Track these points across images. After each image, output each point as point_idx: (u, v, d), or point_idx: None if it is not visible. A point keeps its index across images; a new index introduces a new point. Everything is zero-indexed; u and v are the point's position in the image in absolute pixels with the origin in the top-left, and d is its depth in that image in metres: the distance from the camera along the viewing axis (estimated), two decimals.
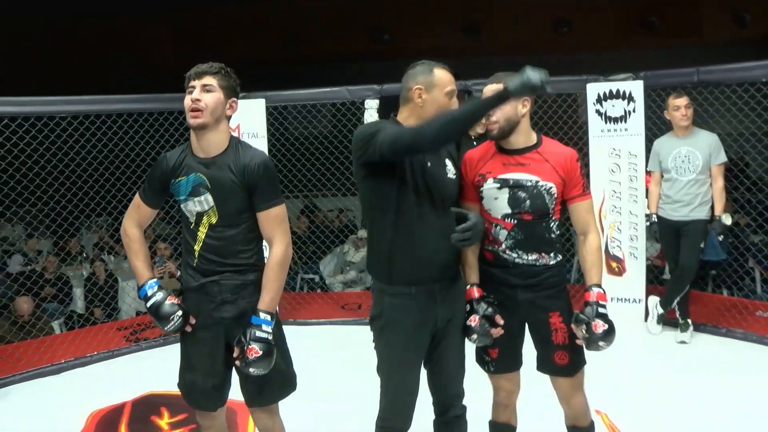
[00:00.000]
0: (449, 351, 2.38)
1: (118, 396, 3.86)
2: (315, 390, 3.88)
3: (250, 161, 2.24)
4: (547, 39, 10.06)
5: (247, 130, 4.99)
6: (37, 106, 4.44)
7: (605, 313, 2.29)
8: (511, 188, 2.35)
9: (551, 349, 2.41)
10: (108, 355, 4.61)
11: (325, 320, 5.28)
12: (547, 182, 2.34)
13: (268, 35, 10.53)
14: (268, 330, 2.23)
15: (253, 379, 2.30)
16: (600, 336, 2.25)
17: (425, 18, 10.37)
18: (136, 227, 2.41)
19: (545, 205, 2.35)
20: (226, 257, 2.28)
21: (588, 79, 4.78)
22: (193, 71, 2.25)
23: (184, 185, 2.27)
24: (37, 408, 3.90)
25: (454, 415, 2.44)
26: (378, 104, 5.00)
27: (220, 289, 2.28)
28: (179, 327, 2.29)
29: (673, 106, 4.35)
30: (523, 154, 2.37)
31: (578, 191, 2.37)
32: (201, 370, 2.36)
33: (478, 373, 2.55)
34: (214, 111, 2.21)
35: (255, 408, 2.42)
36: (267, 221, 2.27)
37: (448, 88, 2.25)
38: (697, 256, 4.39)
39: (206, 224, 2.27)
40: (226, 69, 2.28)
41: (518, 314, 2.41)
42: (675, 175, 4.37)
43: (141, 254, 2.39)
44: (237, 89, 2.31)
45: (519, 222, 2.36)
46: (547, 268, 2.39)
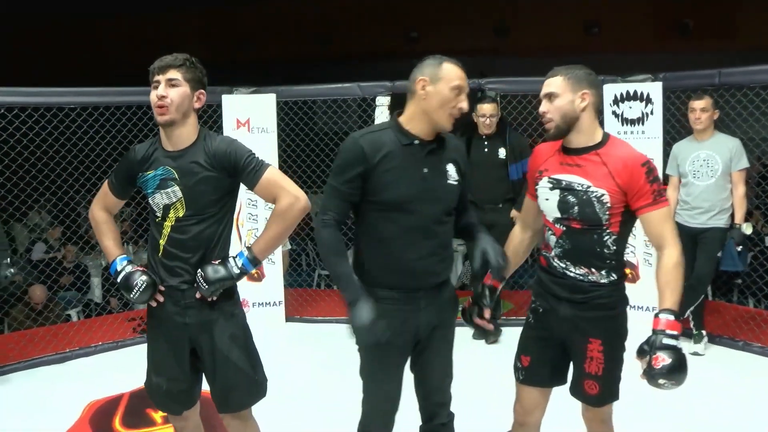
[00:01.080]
0: (434, 359, 2.31)
1: (118, 387, 3.88)
2: (310, 389, 3.89)
3: (218, 147, 2.19)
4: (576, 40, 9.89)
5: (258, 125, 4.97)
6: (66, 97, 4.47)
7: (673, 346, 1.96)
8: (563, 190, 2.16)
9: (583, 375, 2.25)
10: (112, 346, 4.65)
11: (333, 318, 5.24)
12: (599, 189, 2.09)
13: (298, 33, 10.58)
14: (238, 264, 2.20)
15: (219, 385, 2.27)
16: (660, 372, 1.93)
17: (455, 18, 10.29)
18: (104, 211, 2.40)
19: (596, 215, 2.11)
20: (191, 254, 2.22)
21: (605, 80, 4.64)
22: (156, 64, 2.18)
23: (151, 179, 2.23)
24: (36, 395, 3.95)
25: (440, 422, 2.37)
26: (389, 101, 4.94)
27: (183, 294, 2.23)
28: (145, 298, 2.23)
29: (690, 108, 4.21)
30: (582, 155, 2.15)
31: (647, 200, 2.07)
32: (166, 374, 2.31)
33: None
34: (180, 106, 2.15)
35: (224, 414, 2.36)
36: (265, 190, 2.21)
37: (454, 83, 2.10)
38: (713, 265, 4.24)
39: (173, 218, 2.21)
40: (192, 60, 2.20)
41: (558, 329, 2.25)
42: (692, 180, 4.22)
43: (109, 233, 2.38)
44: (204, 80, 2.24)
45: (567, 229, 2.17)
46: (597, 286, 2.16)
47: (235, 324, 2.29)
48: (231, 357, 2.25)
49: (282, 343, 4.90)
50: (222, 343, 2.24)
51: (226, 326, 2.26)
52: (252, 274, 5.00)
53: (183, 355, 2.28)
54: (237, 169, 2.18)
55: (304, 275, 6.95)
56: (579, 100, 2.13)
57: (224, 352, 2.24)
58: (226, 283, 2.20)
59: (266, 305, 5.18)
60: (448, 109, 2.11)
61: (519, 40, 10.13)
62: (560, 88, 2.14)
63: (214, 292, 2.19)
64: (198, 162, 2.18)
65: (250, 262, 2.22)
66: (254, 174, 2.18)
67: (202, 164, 2.18)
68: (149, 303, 2.28)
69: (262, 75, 6.69)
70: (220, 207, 2.23)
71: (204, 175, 2.18)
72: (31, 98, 4.41)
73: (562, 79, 2.14)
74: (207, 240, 2.22)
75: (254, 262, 2.23)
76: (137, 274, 2.24)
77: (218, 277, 2.18)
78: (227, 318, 2.27)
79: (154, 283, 2.24)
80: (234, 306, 2.31)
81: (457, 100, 2.12)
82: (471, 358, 2.35)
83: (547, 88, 2.17)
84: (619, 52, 9.05)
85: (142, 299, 2.24)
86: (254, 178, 2.19)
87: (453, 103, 2.11)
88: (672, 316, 2.01)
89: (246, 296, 5.08)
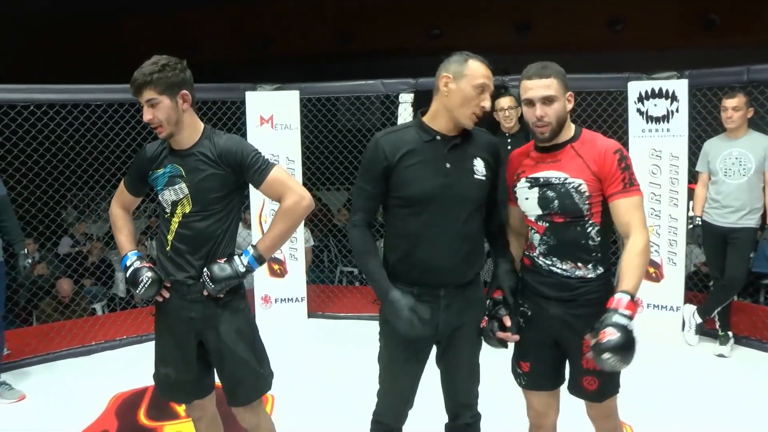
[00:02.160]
0: (459, 360, 2.30)
1: (143, 380, 3.92)
2: (331, 385, 3.91)
3: (225, 145, 2.23)
4: (600, 36, 9.79)
5: (281, 122, 5.00)
6: (94, 94, 4.55)
7: (624, 325, 1.91)
8: (541, 187, 2.16)
9: (580, 372, 2.23)
10: (137, 340, 4.70)
11: (354, 314, 5.26)
12: (576, 179, 2.11)
13: (321, 30, 10.61)
14: (243, 263, 2.25)
15: (227, 379, 2.32)
16: (605, 347, 1.88)
17: (476, 14, 10.24)
18: (120, 208, 2.48)
19: (576, 206, 2.11)
20: (197, 249, 2.27)
21: (630, 77, 4.59)
22: (131, 87, 2.19)
23: (161, 176, 2.29)
24: (63, 387, 4.02)
25: (464, 422, 2.37)
26: (413, 98, 4.94)
27: (189, 289, 2.28)
28: (150, 293, 2.29)
29: (722, 107, 4.14)
30: (557, 150, 2.16)
31: (616, 188, 2.08)
32: (174, 365, 2.36)
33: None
34: (170, 119, 2.18)
35: (236, 408, 2.40)
36: (270, 188, 2.25)
37: (478, 81, 2.08)
38: (746, 267, 4.16)
39: (180, 214, 2.26)
40: (159, 66, 2.16)
41: (549, 330, 2.23)
42: (723, 178, 4.14)
43: (124, 229, 2.45)
44: (181, 78, 2.20)
45: (551, 225, 2.17)
46: (584, 282, 2.15)
47: (241, 318, 2.33)
48: (237, 351, 2.29)
49: (304, 339, 4.93)
50: (228, 337, 2.28)
51: (232, 321, 2.30)
52: (275, 269, 5.13)
53: (189, 348, 2.33)
54: (243, 168, 2.22)
55: (326, 271, 6.99)
56: (567, 102, 2.14)
57: (230, 346, 2.28)
58: (231, 281, 2.24)
59: (289, 301, 5.21)
60: (471, 108, 2.10)
61: (542, 37, 10.05)
62: (557, 92, 2.10)
63: (221, 290, 2.24)
64: (204, 160, 2.22)
65: (256, 260, 2.27)
66: (260, 173, 2.22)
67: (208, 162, 2.22)
68: (156, 298, 2.34)
69: (286, 72, 6.73)
70: (225, 204, 2.27)
71: (210, 172, 2.22)
72: (58, 95, 4.47)
73: (557, 83, 2.10)
74: (213, 236, 2.26)
75: (260, 260, 2.28)
76: (144, 270, 2.29)
77: (224, 275, 2.22)
78: (233, 312, 2.31)
79: (160, 279, 2.30)
80: (240, 301, 2.35)
81: (480, 99, 2.10)
82: (493, 356, 2.34)
83: (545, 91, 2.09)
84: (644, 49, 8.96)
85: (147, 295, 2.30)
86: (260, 176, 2.23)
87: (475, 101, 2.09)
88: (628, 296, 1.98)
89: (268, 292, 5.14)
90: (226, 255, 2.29)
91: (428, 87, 4.85)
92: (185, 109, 2.21)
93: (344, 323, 5.19)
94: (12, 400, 3.77)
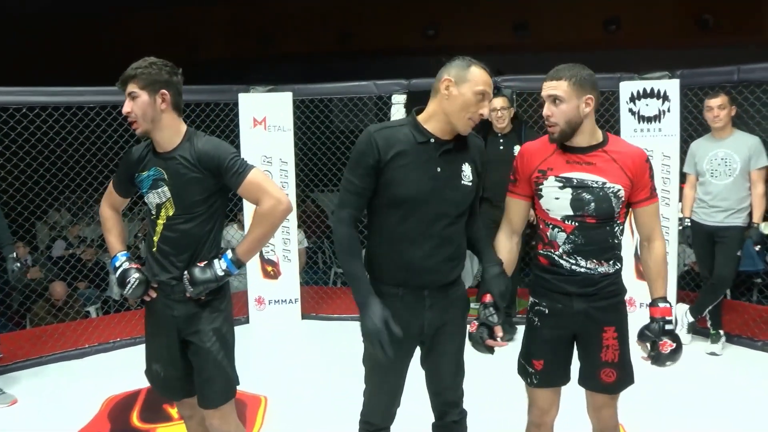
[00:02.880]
0: (443, 358, 2.30)
1: (136, 382, 3.92)
2: (325, 386, 3.91)
3: (203, 148, 2.25)
4: (595, 36, 9.81)
5: (274, 124, 5.00)
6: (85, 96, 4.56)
7: (672, 330, 2.17)
8: (575, 188, 2.17)
9: (598, 365, 2.27)
10: (130, 342, 4.69)
11: (348, 315, 5.26)
12: (615, 184, 2.16)
13: (316, 29, 10.61)
14: (222, 267, 2.27)
15: (199, 377, 2.35)
16: (667, 356, 2.16)
17: (472, 14, 10.25)
18: (110, 208, 2.51)
19: (611, 209, 2.17)
20: (181, 252, 2.31)
21: (622, 77, 4.60)
22: (120, 79, 2.24)
23: (146, 179, 2.33)
24: (58, 390, 4.01)
25: (451, 420, 2.37)
26: (405, 99, 4.94)
27: (172, 289, 2.32)
28: (138, 293, 2.34)
29: (706, 107, 4.17)
30: (588, 153, 2.19)
31: (646, 194, 2.20)
32: (162, 361, 2.42)
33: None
34: (145, 115, 2.22)
35: (207, 413, 2.40)
36: (248, 192, 2.27)
37: (479, 87, 2.07)
38: (734, 265, 4.19)
39: (164, 216, 2.30)
40: (147, 63, 2.23)
41: (572, 325, 2.27)
42: (710, 178, 4.18)
43: (114, 230, 2.49)
44: (163, 78, 2.24)
45: (580, 225, 2.19)
46: (605, 277, 2.22)
47: (221, 319, 2.36)
48: (212, 351, 2.32)
49: (298, 341, 4.93)
50: (205, 336, 2.32)
51: (211, 320, 2.33)
52: (269, 271, 5.13)
53: (174, 345, 2.37)
54: (221, 170, 2.24)
55: (320, 273, 6.99)
56: (584, 105, 2.14)
57: (206, 345, 2.31)
58: (210, 285, 2.27)
59: (282, 303, 5.21)
60: (469, 113, 2.09)
61: (538, 36, 10.06)
62: (566, 93, 2.13)
63: (200, 293, 2.28)
64: (184, 163, 2.25)
65: (234, 263, 2.29)
66: (238, 175, 2.24)
67: (188, 165, 2.24)
68: (143, 298, 2.38)
69: (280, 71, 6.72)
70: (208, 206, 2.30)
71: (190, 175, 2.25)
72: (50, 98, 4.48)
73: (567, 84, 2.13)
74: (196, 238, 2.30)
75: (238, 264, 2.30)
76: (132, 271, 2.34)
77: (204, 278, 2.26)
78: (212, 312, 2.35)
79: (147, 280, 2.34)
80: (221, 302, 2.38)
81: (479, 106, 2.09)
82: (483, 355, 2.34)
83: (551, 91, 2.15)
84: (639, 48, 8.98)
85: (135, 295, 2.34)
86: (238, 179, 2.24)
87: (474, 108, 2.09)
88: (667, 303, 2.21)
89: (262, 294, 5.14)
90: (209, 257, 2.31)
91: (421, 88, 4.92)
92: (163, 108, 2.24)
93: (338, 324, 5.19)
94: (4, 405, 3.76)
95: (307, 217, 6.69)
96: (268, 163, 5.02)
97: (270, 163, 5.02)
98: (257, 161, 4.95)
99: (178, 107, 2.29)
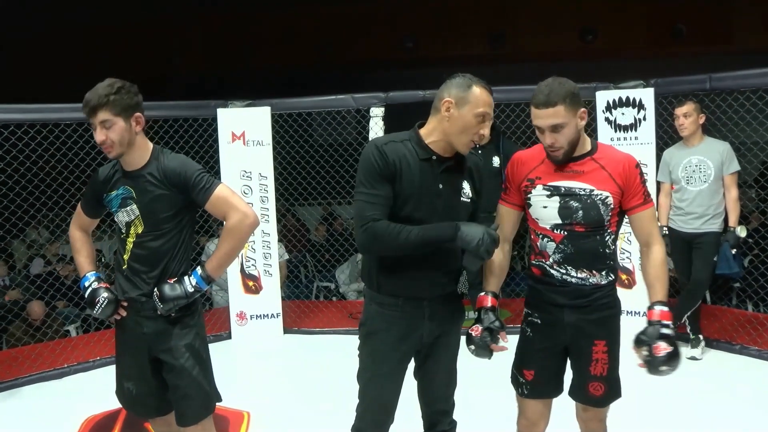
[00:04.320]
0: (437, 368, 2.32)
1: (116, 402, 3.85)
2: (308, 400, 3.89)
3: (169, 165, 2.28)
4: (572, 46, 9.94)
5: (252, 138, 4.98)
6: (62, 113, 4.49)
7: (669, 335, 2.08)
8: (562, 197, 2.19)
9: (587, 378, 2.28)
10: (111, 361, 4.60)
11: (330, 329, 5.25)
12: (603, 191, 2.16)
13: (294, 42, 10.63)
14: (192, 283, 2.28)
15: (175, 395, 2.35)
16: (662, 359, 2.06)
17: (450, 26, 10.33)
18: (79, 230, 2.53)
19: (600, 217, 2.16)
20: (151, 268, 2.32)
21: (597, 87, 4.66)
22: (85, 108, 2.20)
23: (114, 198, 2.34)
24: (34, 411, 3.94)
25: (441, 430, 2.38)
26: (383, 112, 4.96)
27: (142, 306, 2.33)
28: (107, 313, 2.34)
29: (674, 116, 4.24)
30: (577, 162, 2.19)
31: (639, 200, 2.18)
32: (132, 378, 2.41)
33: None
34: (122, 141, 2.23)
35: (183, 428, 2.39)
36: (215, 207, 2.28)
37: (480, 109, 2.07)
38: (710, 270, 4.24)
39: (133, 234, 2.32)
40: (115, 88, 2.20)
41: (563, 337, 2.27)
42: (686, 185, 4.23)
43: (83, 251, 2.50)
44: (135, 101, 2.24)
45: (570, 234, 2.19)
46: (598, 288, 2.21)
47: (192, 335, 2.36)
48: (186, 366, 2.32)
49: (280, 355, 4.90)
50: (177, 352, 2.32)
51: (182, 336, 2.34)
52: (250, 286, 5.10)
53: (144, 362, 2.37)
54: (187, 187, 2.25)
55: (302, 287, 6.96)
56: (579, 120, 2.15)
57: (180, 362, 2.31)
58: (180, 301, 2.28)
59: (264, 317, 5.17)
60: (469, 135, 2.10)
61: (515, 48, 10.17)
62: (565, 118, 2.11)
63: (170, 309, 2.28)
64: (151, 181, 2.26)
65: (204, 280, 2.30)
66: (204, 192, 2.25)
67: (155, 183, 2.26)
68: (114, 317, 2.38)
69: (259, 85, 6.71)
70: (176, 223, 2.31)
71: (158, 193, 2.26)
72: (25, 115, 4.43)
73: (564, 108, 2.10)
74: (164, 255, 2.31)
75: (207, 281, 2.31)
76: (101, 291, 2.35)
77: (173, 295, 2.27)
78: (183, 328, 2.35)
79: (117, 299, 2.35)
80: (191, 317, 2.38)
81: (480, 127, 2.10)
82: (472, 364, 2.35)
83: (551, 120, 2.11)
84: (615, 58, 9.11)
85: (104, 314, 2.35)
86: (204, 195, 2.26)
87: (475, 129, 2.09)
88: (665, 307, 2.13)
89: (244, 308, 5.11)
90: (177, 273, 2.32)
91: (399, 101, 4.93)
92: (138, 131, 2.26)
93: (321, 338, 5.17)
94: None
95: (288, 231, 6.68)
96: (248, 177, 5.00)
97: (249, 177, 5.01)
98: (236, 176, 4.94)
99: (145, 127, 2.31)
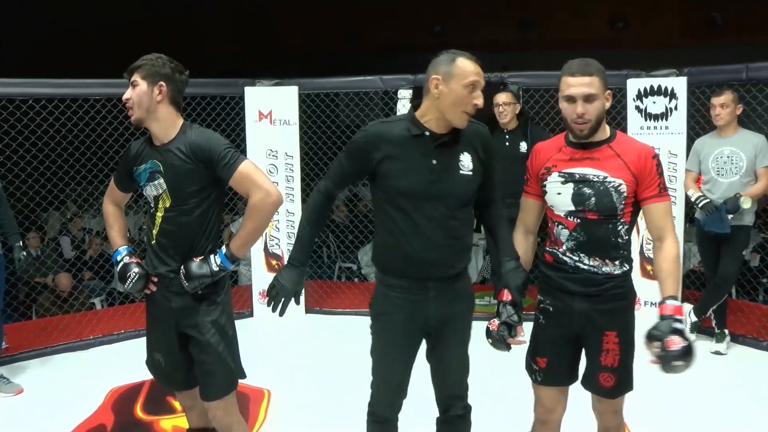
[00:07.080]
0: (448, 352, 2.31)
1: (140, 374, 3.92)
2: (329, 380, 3.93)
3: (195, 140, 2.28)
4: (602, 34, 9.79)
5: (280, 117, 5.00)
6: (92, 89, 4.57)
7: (682, 329, 2.02)
8: (576, 183, 2.16)
9: (597, 368, 2.25)
10: (135, 334, 4.70)
11: (351, 310, 5.27)
12: (616, 179, 2.12)
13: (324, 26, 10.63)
14: (217, 262, 2.29)
15: (200, 370, 2.37)
16: (675, 355, 1.99)
17: (479, 12, 10.24)
18: (112, 204, 2.55)
19: (612, 204, 2.13)
20: (179, 245, 2.33)
21: (628, 75, 4.58)
22: (127, 69, 2.31)
23: (143, 172, 2.35)
24: (61, 380, 4.03)
25: (455, 414, 2.38)
26: (411, 94, 4.94)
27: (170, 282, 2.35)
28: (138, 287, 2.38)
29: (710, 105, 4.15)
30: (594, 148, 2.16)
31: (653, 191, 2.12)
32: (161, 350, 2.45)
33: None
34: (140, 103, 2.26)
35: (209, 404, 2.42)
36: (238, 183, 2.28)
37: (468, 79, 2.06)
38: (739, 265, 4.18)
39: (162, 208, 2.33)
40: (154, 57, 2.30)
41: (573, 325, 2.25)
42: (716, 177, 4.14)
43: (116, 225, 2.54)
44: (164, 71, 2.28)
45: (582, 221, 2.17)
46: (610, 278, 2.18)
47: (218, 311, 2.38)
48: (212, 342, 2.34)
49: (301, 335, 4.93)
50: (204, 328, 2.34)
51: (208, 313, 2.35)
52: (273, 265, 5.13)
53: (172, 336, 2.40)
54: (212, 162, 2.25)
55: (324, 267, 6.99)
56: (606, 100, 2.12)
57: (205, 337, 2.33)
58: (204, 280, 2.29)
59: None
60: (462, 107, 2.09)
61: (544, 34, 10.05)
62: (598, 90, 2.08)
63: (196, 287, 2.30)
64: (178, 155, 2.27)
65: (228, 259, 2.30)
66: (228, 167, 2.25)
67: (182, 157, 2.27)
68: (144, 292, 2.42)
69: (288, 67, 6.72)
70: (203, 198, 2.30)
71: (185, 167, 2.27)
72: (56, 89, 4.47)
73: (599, 80, 2.08)
74: (193, 231, 2.32)
75: (232, 260, 2.31)
76: (132, 266, 2.38)
77: (199, 273, 2.28)
78: (210, 304, 2.36)
79: (147, 274, 2.38)
80: (218, 294, 2.39)
81: (471, 97, 2.08)
82: (489, 351, 2.34)
83: (586, 89, 2.07)
84: (646, 47, 8.96)
85: (135, 288, 2.39)
86: (229, 170, 2.25)
87: (467, 100, 2.08)
88: (677, 302, 2.08)
89: (266, 287, 5.13)
90: (205, 251, 2.33)
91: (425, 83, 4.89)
92: (159, 100, 2.27)
93: (342, 319, 5.19)
94: (9, 394, 3.78)
95: None
96: (274, 156, 5.02)
97: (275, 156, 5.02)
98: (262, 155, 4.96)
99: (176, 102, 2.32)
